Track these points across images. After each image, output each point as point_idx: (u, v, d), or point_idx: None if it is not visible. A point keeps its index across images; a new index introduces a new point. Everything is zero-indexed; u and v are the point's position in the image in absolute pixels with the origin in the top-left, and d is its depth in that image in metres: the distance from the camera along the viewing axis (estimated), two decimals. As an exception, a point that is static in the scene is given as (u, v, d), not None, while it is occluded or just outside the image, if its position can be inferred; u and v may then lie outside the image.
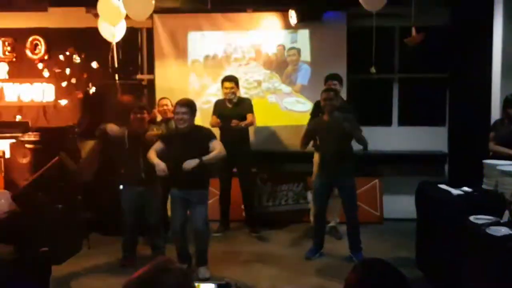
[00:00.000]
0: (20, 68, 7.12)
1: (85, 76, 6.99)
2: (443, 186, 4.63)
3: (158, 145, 4.76)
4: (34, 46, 7.07)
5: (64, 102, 7.06)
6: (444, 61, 6.81)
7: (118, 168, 5.29)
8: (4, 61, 7.12)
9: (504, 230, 3.36)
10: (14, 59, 7.12)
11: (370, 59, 5.58)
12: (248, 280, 4.73)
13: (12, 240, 4.24)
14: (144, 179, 5.00)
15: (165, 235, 5.35)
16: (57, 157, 5.49)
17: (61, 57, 7.03)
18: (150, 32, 7.00)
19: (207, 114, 6.33)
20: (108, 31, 5.81)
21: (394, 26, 6.84)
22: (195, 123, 4.81)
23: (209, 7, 6.27)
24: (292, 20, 6.48)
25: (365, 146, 5.17)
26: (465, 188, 4.42)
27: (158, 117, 6.10)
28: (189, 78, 6.91)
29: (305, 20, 6.51)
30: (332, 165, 5.21)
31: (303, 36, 6.85)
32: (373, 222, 6.53)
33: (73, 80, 7.03)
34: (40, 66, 7.09)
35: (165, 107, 5.95)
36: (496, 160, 4.64)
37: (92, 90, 6.85)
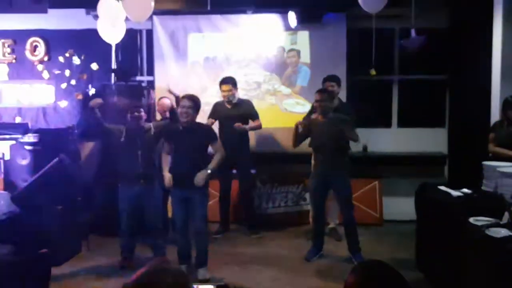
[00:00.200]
0: (20, 69, 7.12)
1: (85, 77, 6.99)
2: (442, 187, 4.63)
3: (167, 147, 4.90)
4: (34, 48, 7.06)
5: (63, 103, 7.07)
6: (444, 62, 6.81)
7: (117, 169, 5.29)
8: (3, 62, 7.11)
9: (503, 232, 3.36)
10: (13, 61, 7.11)
11: (370, 61, 5.59)
12: (248, 281, 4.73)
13: (11, 242, 4.24)
14: (142, 178, 5.00)
15: (166, 236, 5.34)
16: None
17: (60, 58, 7.02)
18: (149, 33, 7.01)
19: (207, 115, 6.33)
20: (107, 32, 5.81)
21: (393, 28, 6.85)
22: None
23: (208, 8, 6.28)
24: (292, 21, 6.48)
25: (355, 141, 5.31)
26: (464, 190, 4.42)
27: (158, 117, 6.10)
28: (189, 79, 6.90)
29: (304, 21, 6.51)
30: (326, 165, 5.21)
31: (303, 38, 6.84)
32: (373, 224, 6.53)
33: (73, 82, 7.03)
34: (40, 67, 7.08)
35: (165, 106, 5.95)
36: (495, 161, 4.64)
37: (92, 91, 6.85)
